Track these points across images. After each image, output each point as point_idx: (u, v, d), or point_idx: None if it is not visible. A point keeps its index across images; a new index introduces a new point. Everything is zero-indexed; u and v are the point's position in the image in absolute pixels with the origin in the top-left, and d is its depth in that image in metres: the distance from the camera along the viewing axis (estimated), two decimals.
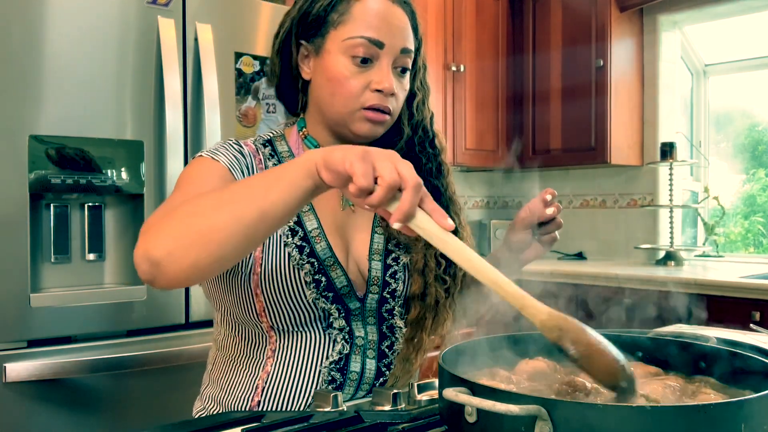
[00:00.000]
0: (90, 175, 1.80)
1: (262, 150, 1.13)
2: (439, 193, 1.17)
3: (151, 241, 0.84)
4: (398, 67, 1.08)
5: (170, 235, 0.83)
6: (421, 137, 1.17)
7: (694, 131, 3.68)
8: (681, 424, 0.63)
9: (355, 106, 1.06)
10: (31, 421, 1.70)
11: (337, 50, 1.05)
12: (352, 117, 1.06)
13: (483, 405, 0.65)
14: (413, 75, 1.15)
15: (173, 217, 0.84)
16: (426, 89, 1.18)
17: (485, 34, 3.51)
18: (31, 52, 1.73)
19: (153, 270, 0.84)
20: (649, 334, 0.98)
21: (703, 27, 3.53)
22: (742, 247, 3.58)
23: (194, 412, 1.19)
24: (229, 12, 2.05)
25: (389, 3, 1.07)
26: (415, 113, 1.16)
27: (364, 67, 1.05)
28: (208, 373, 1.20)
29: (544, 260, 3.59)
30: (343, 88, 1.05)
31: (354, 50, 1.04)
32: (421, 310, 1.12)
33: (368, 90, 1.05)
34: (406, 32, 1.08)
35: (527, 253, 1.15)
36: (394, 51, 1.06)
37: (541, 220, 1.11)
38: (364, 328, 1.11)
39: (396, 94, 1.07)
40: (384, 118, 1.07)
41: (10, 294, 1.69)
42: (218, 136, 1.96)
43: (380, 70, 1.05)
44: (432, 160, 1.17)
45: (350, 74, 1.05)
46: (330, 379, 1.08)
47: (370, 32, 1.04)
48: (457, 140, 3.39)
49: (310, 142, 1.14)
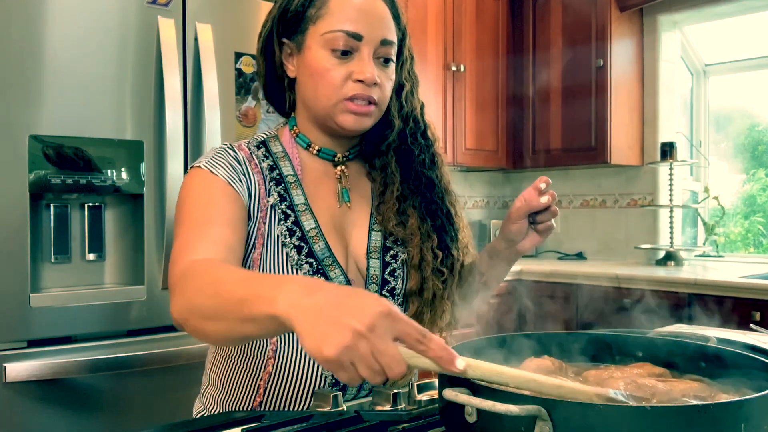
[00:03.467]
0: (90, 175, 1.80)
1: (256, 153, 1.12)
2: (434, 185, 1.16)
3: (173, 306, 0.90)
4: (380, 57, 1.07)
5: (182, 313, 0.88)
6: (412, 128, 1.16)
7: (694, 131, 3.68)
8: (681, 424, 0.63)
9: (339, 98, 1.05)
10: (31, 421, 1.70)
11: (317, 45, 1.06)
12: (336, 109, 1.06)
13: (483, 405, 0.65)
14: (400, 65, 1.14)
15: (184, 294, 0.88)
16: (414, 79, 1.18)
17: (485, 34, 3.51)
18: (31, 52, 1.73)
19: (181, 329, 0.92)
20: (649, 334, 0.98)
21: (703, 27, 3.53)
22: (742, 247, 3.58)
23: (194, 412, 1.19)
24: (229, 12, 2.05)
25: None
26: (404, 104, 1.15)
27: (345, 58, 1.05)
28: (207, 373, 1.20)
29: (544, 260, 3.59)
30: (324, 81, 1.05)
31: (333, 43, 1.04)
32: (420, 305, 1.11)
33: (350, 81, 1.05)
34: (385, 22, 1.08)
35: (524, 243, 1.14)
36: (374, 42, 1.06)
37: (536, 209, 1.09)
38: None
39: (381, 84, 1.07)
40: (369, 109, 1.07)
41: (10, 294, 1.69)
42: (218, 136, 1.96)
43: (361, 61, 1.05)
44: (425, 151, 1.17)
45: (331, 66, 1.05)
46: (334, 381, 1.08)
47: (348, 25, 1.04)
48: (457, 140, 3.39)
49: (302, 140, 1.15)
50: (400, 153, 1.16)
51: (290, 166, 1.13)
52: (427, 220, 1.15)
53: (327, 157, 1.15)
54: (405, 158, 1.16)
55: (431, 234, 1.14)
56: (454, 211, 1.18)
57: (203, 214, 1.00)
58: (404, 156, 1.16)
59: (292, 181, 1.11)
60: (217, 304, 0.82)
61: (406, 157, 1.16)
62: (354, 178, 1.17)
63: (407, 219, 1.14)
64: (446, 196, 1.18)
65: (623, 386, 0.79)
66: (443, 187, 1.18)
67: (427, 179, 1.16)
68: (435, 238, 1.14)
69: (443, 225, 1.16)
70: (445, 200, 1.17)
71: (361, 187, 1.17)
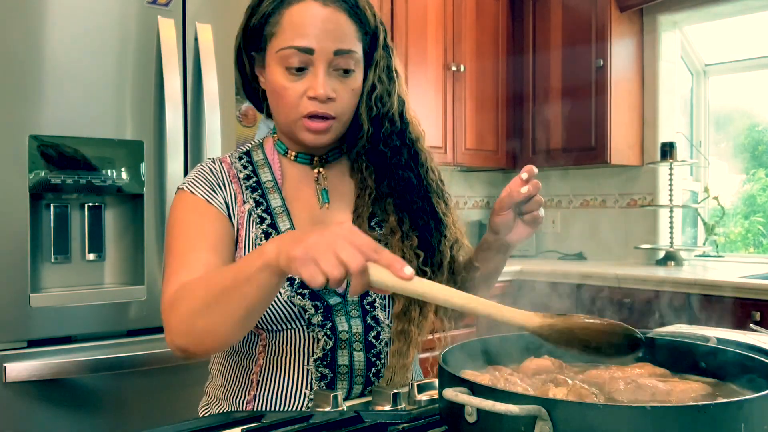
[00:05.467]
0: (90, 175, 1.80)
1: (236, 164, 1.15)
2: (412, 185, 1.15)
3: (170, 334, 0.96)
4: (339, 69, 1.06)
5: (181, 332, 0.94)
6: (387, 129, 1.14)
7: (694, 131, 3.68)
8: (681, 424, 0.63)
9: (296, 116, 1.06)
10: (31, 421, 1.70)
11: (274, 62, 1.06)
12: (296, 126, 1.07)
13: (483, 405, 0.65)
14: (374, 66, 1.12)
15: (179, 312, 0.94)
16: (391, 79, 1.14)
17: (485, 34, 3.51)
18: (31, 52, 1.73)
19: (184, 354, 0.97)
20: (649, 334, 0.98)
21: (703, 27, 3.53)
22: (742, 247, 3.58)
23: (199, 407, 1.22)
24: (229, 12, 2.05)
25: (319, 6, 1.04)
26: (375, 107, 1.12)
27: (300, 75, 1.04)
28: (210, 368, 1.23)
29: (545, 260, 3.59)
30: (282, 100, 1.06)
31: (287, 61, 1.04)
32: (406, 302, 1.11)
33: (305, 98, 1.05)
34: (338, 33, 1.05)
35: (512, 236, 1.11)
36: (326, 54, 1.04)
37: (518, 199, 1.06)
38: (347, 322, 1.10)
39: (338, 97, 1.06)
40: (326, 125, 1.06)
41: (10, 294, 1.69)
42: (218, 136, 1.96)
43: (314, 77, 1.04)
44: (401, 152, 1.15)
45: (287, 84, 1.05)
46: (320, 375, 1.09)
47: (297, 41, 1.03)
48: (457, 140, 3.39)
49: (280, 147, 1.17)
50: (374, 155, 1.15)
51: (269, 172, 1.15)
52: (406, 220, 1.14)
53: (304, 161, 1.16)
54: (380, 159, 1.15)
55: (411, 234, 1.13)
56: (440, 208, 1.17)
57: (185, 242, 1.06)
58: (379, 157, 1.15)
59: (270, 186, 1.13)
60: (209, 293, 0.91)
61: (381, 158, 1.15)
62: (336, 178, 1.18)
63: (385, 219, 1.14)
64: (431, 195, 1.16)
65: (623, 386, 0.79)
66: (425, 185, 1.16)
67: (404, 180, 1.15)
68: (415, 239, 1.13)
69: (426, 224, 1.15)
70: (429, 198, 1.16)
71: (343, 187, 1.18)
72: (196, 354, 0.95)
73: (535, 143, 3.54)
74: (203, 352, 0.96)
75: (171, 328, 0.96)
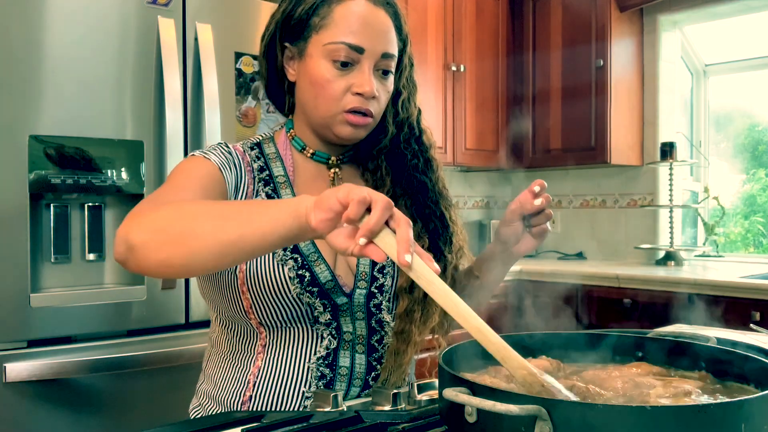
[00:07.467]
0: (90, 175, 1.80)
1: (249, 153, 1.14)
2: (427, 189, 1.17)
3: (133, 227, 0.87)
4: (380, 69, 1.08)
5: (151, 227, 0.86)
6: (406, 134, 1.18)
7: (694, 131, 3.68)
8: (681, 424, 0.63)
9: (337, 110, 1.07)
10: (31, 421, 1.70)
11: (318, 54, 1.07)
12: (334, 120, 1.08)
13: (483, 405, 0.65)
14: (399, 73, 1.15)
15: (161, 210, 0.88)
16: (412, 86, 1.19)
17: (485, 34, 3.51)
18: (31, 52, 1.73)
19: (127, 253, 0.87)
20: (650, 334, 0.98)
21: (703, 27, 3.53)
22: (742, 247, 3.58)
23: (190, 408, 1.20)
24: (229, 12, 2.05)
25: (371, 6, 1.07)
26: (400, 111, 1.17)
27: (345, 70, 1.06)
28: (203, 369, 1.21)
29: (544, 260, 3.59)
30: (325, 92, 1.07)
31: (335, 55, 1.05)
32: (410, 302, 1.12)
33: (349, 93, 1.06)
34: (388, 36, 1.08)
35: (519, 247, 1.14)
36: (375, 55, 1.06)
37: (530, 211, 1.09)
38: (352, 323, 1.11)
39: (378, 97, 1.08)
40: (366, 121, 1.08)
41: (10, 294, 1.69)
42: (218, 136, 1.96)
43: (361, 74, 1.06)
44: (419, 157, 1.18)
45: (332, 78, 1.06)
46: (319, 374, 1.09)
47: (350, 38, 1.05)
48: (457, 140, 3.39)
49: (297, 143, 1.16)
50: (392, 157, 1.17)
51: (281, 167, 1.14)
52: (418, 222, 1.16)
53: (321, 160, 1.16)
54: (397, 162, 1.17)
55: (422, 236, 1.15)
56: (448, 215, 1.19)
57: (180, 182, 1.01)
58: (397, 159, 1.17)
59: (282, 181, 1.13)
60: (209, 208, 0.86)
61: (399, 160, 1.17)
62: (347, 180, 1.18)
63: None
64: (440, 200, 1.19)
65: (621, 385, 0.79)
66: (437, 191, 1.19)
67: (419, 182, 1.17)
68: (426, 240, 1.15)
69: (436, 228, 1.17)
70: (439, 204, 1.18)
71: None
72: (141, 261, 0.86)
73: (535, 143, 3.54)
74: (154, 262, 0.85)
75: (136, 222, 0.87)
